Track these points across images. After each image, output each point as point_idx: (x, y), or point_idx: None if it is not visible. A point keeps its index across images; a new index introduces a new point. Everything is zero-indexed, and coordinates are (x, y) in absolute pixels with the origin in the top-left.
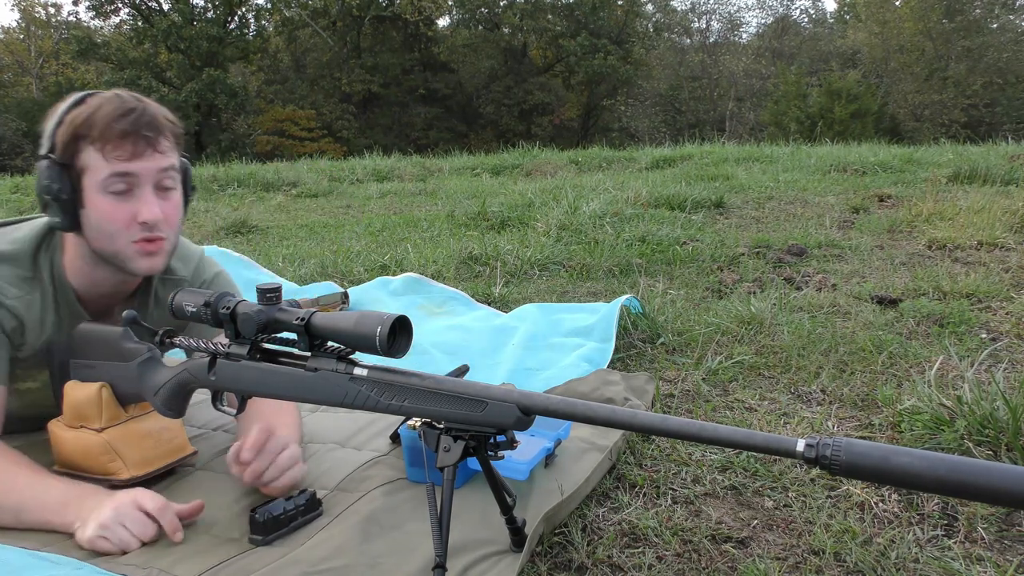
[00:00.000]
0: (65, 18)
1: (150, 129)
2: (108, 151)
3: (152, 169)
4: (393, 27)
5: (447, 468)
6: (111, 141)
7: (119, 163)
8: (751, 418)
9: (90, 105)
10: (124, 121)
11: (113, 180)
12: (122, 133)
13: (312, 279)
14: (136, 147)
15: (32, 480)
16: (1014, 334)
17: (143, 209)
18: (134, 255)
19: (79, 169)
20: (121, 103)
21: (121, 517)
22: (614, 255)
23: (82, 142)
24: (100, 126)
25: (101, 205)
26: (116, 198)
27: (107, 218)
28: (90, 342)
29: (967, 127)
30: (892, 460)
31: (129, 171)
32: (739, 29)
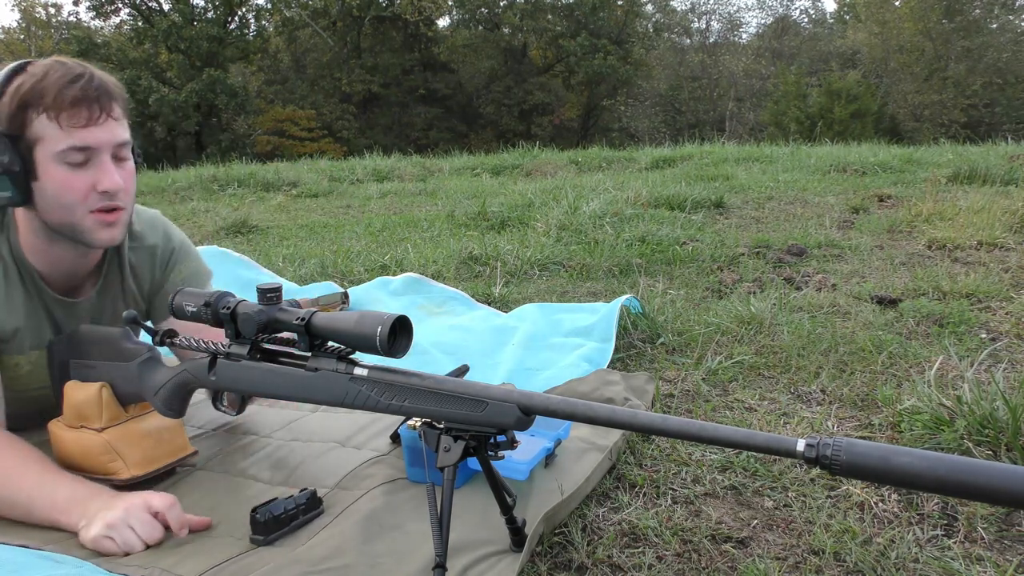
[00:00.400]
0: (65, 18)
1: (102, 93)
2: (63, 119)
3: (110, 140)
4: (393, 27)
5: (447, 468)
6: (65, 109)
7: (76, 131)
8: (751, 418)
9: (33, 73)
10: (75, 87)
11: (71, 152)
12: (74, 100)
13: (312, 279)
14: (91, 113)
15: (42, 478)
16: (1014, 334)
17: (103, 178)
18: (93, 226)
19: (30, 140)
20: (67, 69)
21: (129, 518)
22: (614, 255)
23: (31, 111)
24: (51, 93)
25: (57, 175)
26: (73, 168)
27: (64, 188)
28: (90, 342)
29: (967, 127)
30: (892, 460)
31: (88, 143)
32: (739, 29)
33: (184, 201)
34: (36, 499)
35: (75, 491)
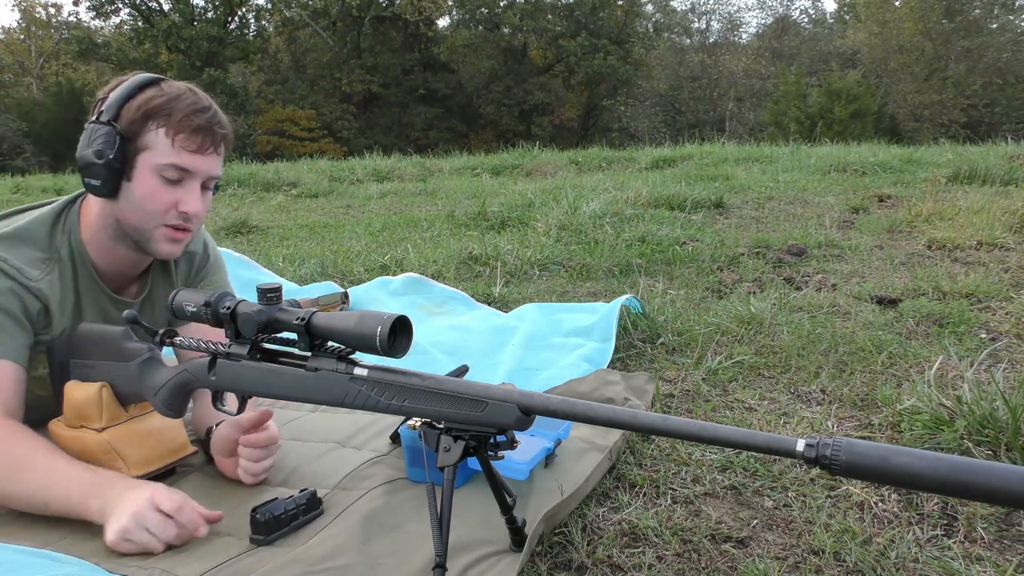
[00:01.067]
0: (65, 18)
1: (221, 131)
2: (179, 139)
3: (208, 170)
4: (393, 27)
5: (447, 468)
6: (185, 131)
7: (185, 154)
8: (751, 418)
9: (167, 91)
10: (202, 116)
11: (171, 168)
12: (197, 127)
13: (312, 279)
14: (204, 143)
15: (51, 469)
16: (1014, 334)
17: (188, 200)
18: (161, 238)
19: (140, 146)
20: (198, 99)
21: (141, 520)
22: (614, 255)
23: (152, 122)
24: (179, 114)
25: (150, 184)
26: (166, 183)
27: (151, 197)
28: (90, 342)
29: (967, 127)
30: (892, 460)
31: (189, 167)
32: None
33: None
34: (51, 491)
35: (86, 482)
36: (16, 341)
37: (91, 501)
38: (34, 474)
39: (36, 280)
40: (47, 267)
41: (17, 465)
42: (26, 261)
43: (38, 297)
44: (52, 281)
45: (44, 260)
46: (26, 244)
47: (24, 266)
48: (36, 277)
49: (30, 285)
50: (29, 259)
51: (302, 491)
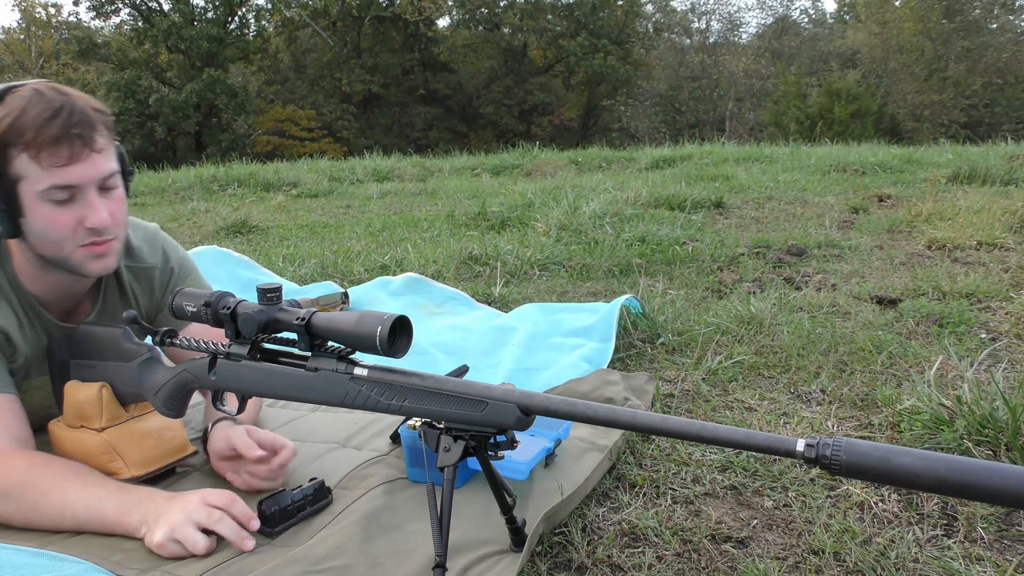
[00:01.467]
0: (65, 18)
1: (83, 128)
2: (43, 159)
3: (94, 176)
4: (393, 27)
5: (447, 468)
6: (44, 148)
7: (58, 171)
8: (751, 418)
9: (11, 107)
10: (54, 125)
11: (54, 191)
12: (54, 138)
13: (312, 279)
14: (72, 150)
15: (83, 494)
16: (1013, 334)
17: (90, 215)
18: (83, 259)
19: (13, 177)
20: (46, 103)
21: (192, 515)
22: (614, 255)
23: (12, 149)
24: (30, 131)
25: (43, 213)
26: (59, 205)
27: (51, 225)
28: (90, 342)
29: (967, 127)
30: (892, 460)
31: (70, 183)
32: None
33: (184, 201)
34: (82, 516)
35: (122, 501)
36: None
37: (129, 517)
38: (62, 500)
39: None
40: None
41: (41, 493)
42: None
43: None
44: (5, 311)
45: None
46: None
47: None
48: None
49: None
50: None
51: (311, 481)
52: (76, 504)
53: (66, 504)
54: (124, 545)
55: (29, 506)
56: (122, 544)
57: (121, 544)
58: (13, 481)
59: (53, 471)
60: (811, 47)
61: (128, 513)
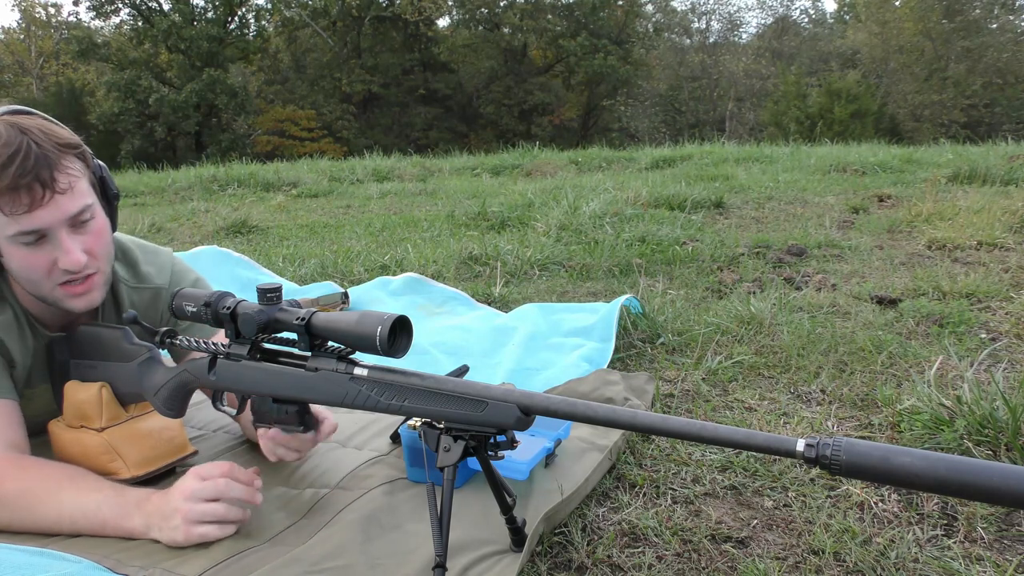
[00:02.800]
0: (65, 18)
1: (40, 170)
2: (4, 206)
3: (59, 218)
4: (393, 27)
5: (447, 468)
6: (3, 195)
7: (21, 218)
8: (751, 418)
9: None
10: (8, 173)
11: (21, 235)
12: (11, 188)
13: (312, 279)
14: (33, 196)
15: (79, 500)
16: (1014, 334)
17: (62, 258)
18: (64, 297)
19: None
20: (2, 147)
21: (197, 494)
22: (614, 255)
23: None
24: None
25: (17, 255)
26: (31, 248)
27: (27, 267)
28: (90, 342)
29: (967, 127)
30: (892, 460)
31: (35, 228)
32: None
33: (184, 201)
34: (80, 523)
35: (119, 505)
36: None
37: (130, 522)
38: (58, 508)
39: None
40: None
41: (37, 500)
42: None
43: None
44: (8, 321)
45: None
46: None
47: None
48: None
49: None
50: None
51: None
52: (74, 512)
53: (63, 512)
54: (124, 543)
55: (25, 513)
56: (122, 542)
57: (121, 542)
58: (6, 489)
59: (47, 477)
60: (811, 47)
61: (128, 518)
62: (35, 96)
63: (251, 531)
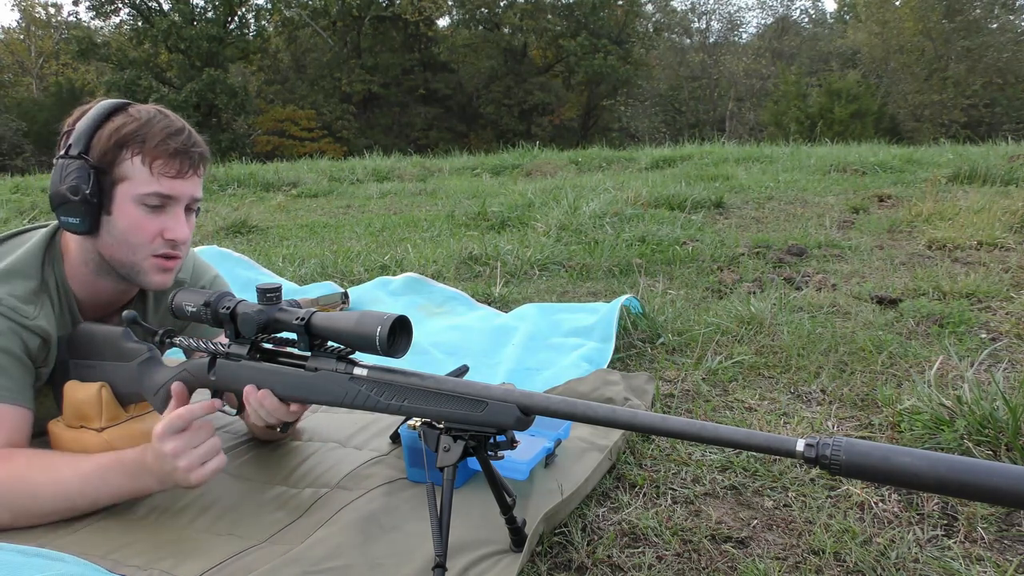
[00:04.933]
0: (65, 18)
1: (198, 151)
2: (157, 165)
3: (190, 193)
4: (393, 27)
5: (447, 468)
6: (162, 157)
7: (166, 180)
8: (751, 418)
9: (137, 117)
10: (177, 140)
11: (153, 196)
12: (175, 151)
13: (312, 279)
14: (183, 166)
15: (78, 473)
16: (1014, 334)
17: (174, 227)
18: (150, 269)
19: (116, 177)
20: (170, 121)
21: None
22: (614, 255)
23: (127, 150)
24: (154, 140)
25: (133, 215)
26: (149, 211)
27: (135, 228)
28: (90, 342)
29: (967, 127)
30: (892, 460)
31: (172, 193)
32: (739, 29)
33: None
34: (89, 493)
35: (125, 472)
36: (18, 384)
37: (141, 482)
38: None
39: (32, 318)
40: (40, 300)
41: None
42: (21, 297)
43: (37, 333)
44: (48, 315)
45: (36, 293)
46: (19, 277)
47: (20, 304)
48: (32, 314)
49: (27, 323)
50: (24, 294)
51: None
52: (82, 486)
53: (68, 489)
54: (121, 542)
55: (26, 500)
56: (119, 541)
57: (118, 541)
58: (4, 479)
59: (36, 456)
60: (811, 47)
61: (138, 478)
62: (35, 96)
63: (251, 531)
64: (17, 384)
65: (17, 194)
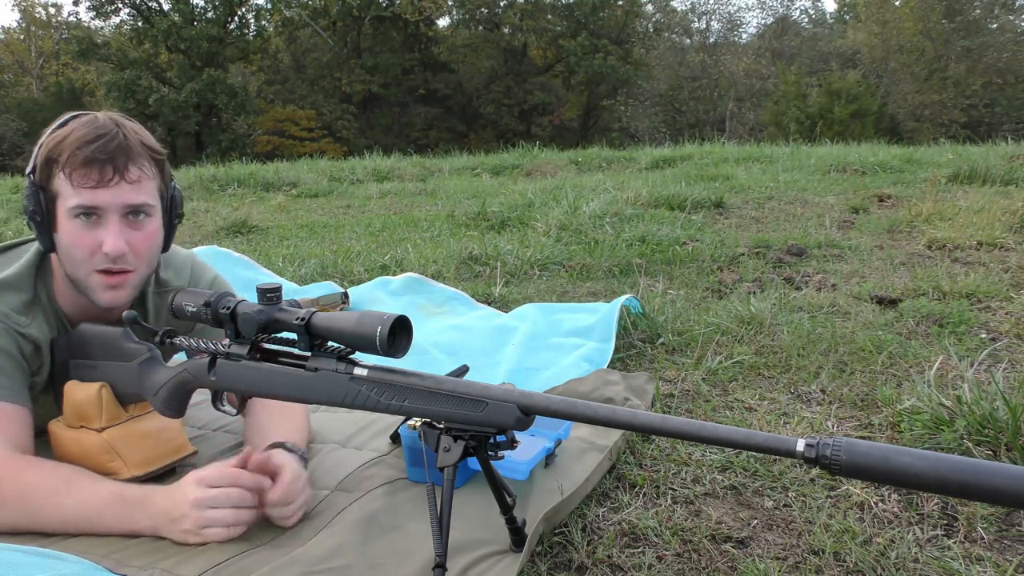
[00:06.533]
0: (65, 18)
1: (120, 155)
2: (76, 178)
3: (118, 202)
4: (393, 27)
5: (447, 468)
6: (77, 168)
7: (85, 191)
8: (751, 418)
9: (68, 128)
10: (90, 148)
11: (77, 209)
12: (87, 160)
13: (312, 279)
14: (102, 175)
15: (81, 507)
16: (1014, 334)
17: (106, 239)
18: (97, 286)
19: (52, 193)
20: (94, 128)
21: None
22: (614, 255)
23: (54, 166)
24: (68, 151)
25: (69, 230)
26: (83, 224)
27: (73, 243)
28: (90, 342)
29: (967, 127)
30: (892, 460)
31: (94, 204)
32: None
33: (184, 201)
34: (83, 526)
35: (123, 508)
36: (17, 383)
37: (135, 525)
38: (56, 509)
39: (25, 326)
40: (33, 313)
41: (33, 502)
42: (14, 307)
43: (31, 340)
44: (40, 325)
45: (29, 306)
46: (12, 291)
47: (12, 312)
48: (24, 323)
49: (21, 330)
50: (16, 305)
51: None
52: (77, 517)
53: (65, 516)
54: (124, 543)
55: (25, 516)
56: (122, 542)
57: (121, 542)
58: (5, 491)
59: (44, 481)
60: (811, 47)
61: (133, 520)
62: (35, 96)
63: (251, 532)
64: (16, 383)
65: (17, 194)
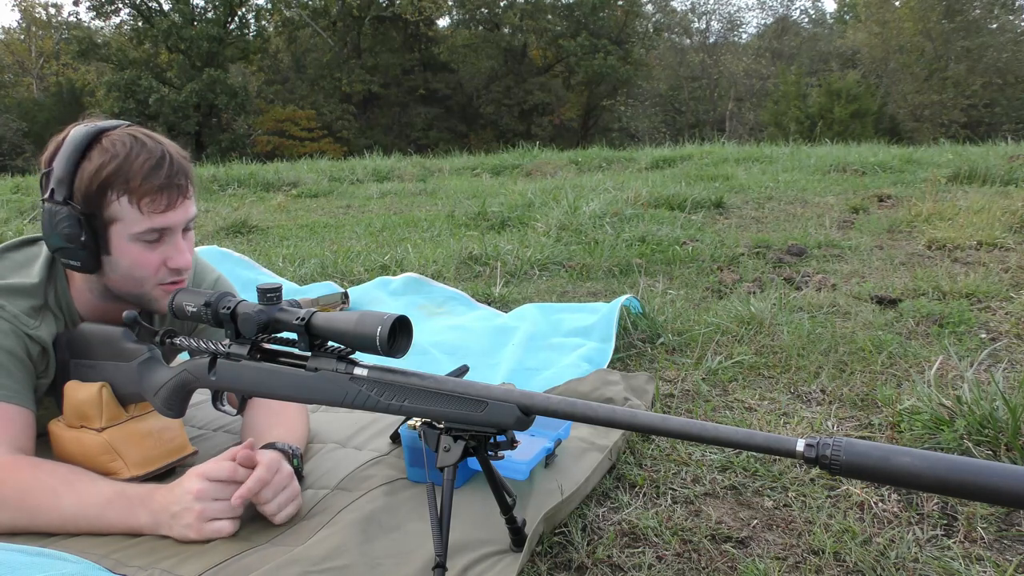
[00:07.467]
0: (65, 18)
1: (181, 177)
2: (145, 205)
3: (184, 220)
4: (393, 27)
5: (447, 468)
6: (148, 195)
7: (157, 216)
8: (751, 418)
9: (114, 153)
10: (159, 175)
11: (149, 232)
12: (159, 188)
13: (312, 279)
14: (170, 199)
15: (82, 507)
16: (1014, 334)
17: (176, 257)
18: (160, 296)
19: (107, 219)
20: (149, 152)
21: (207, 494)
22: (614, 255)
23: (112, 193)
24: (136, 179)
25: (132, 252)
26: (147, 246)
27: (138, 264)
28: (90, 342)
29: (966, 127)
30: (892, 460)
31: (166, 225)
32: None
33: None
34: (83, 525)
35: (124, 507)
36: (21, 384)
37: (136, 520)
38: (56, 510)
39: (32, 328)
40: (40, 315)
41: (33, 501)
42: (22, 310)
43: (38, 342)
44: (49, 327)
45: (38, 310)
46: (21, 296)
47: (21, 314)
48: (32, 325)
49: (29, 332)
50: (24, 308)
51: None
52: (76, 516)
53: (64, 516)
54: (124, 542)
55: (25, 516)
56: (122, 541)
57: (121, 541)
58: (4, 491)
59: (43, 481)
60: (811, 47)
61: (134, 516)
62: (35, 96)
63: (251, 532)
64: (20, 384)
65: (17, 194)
